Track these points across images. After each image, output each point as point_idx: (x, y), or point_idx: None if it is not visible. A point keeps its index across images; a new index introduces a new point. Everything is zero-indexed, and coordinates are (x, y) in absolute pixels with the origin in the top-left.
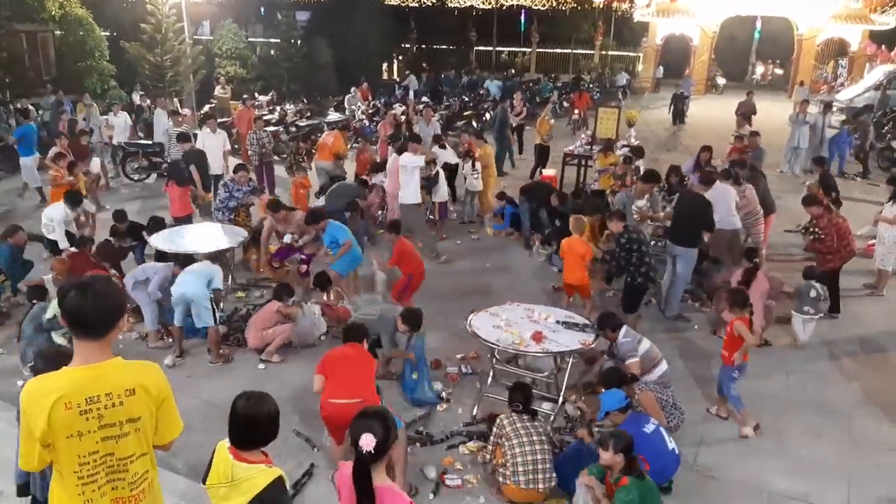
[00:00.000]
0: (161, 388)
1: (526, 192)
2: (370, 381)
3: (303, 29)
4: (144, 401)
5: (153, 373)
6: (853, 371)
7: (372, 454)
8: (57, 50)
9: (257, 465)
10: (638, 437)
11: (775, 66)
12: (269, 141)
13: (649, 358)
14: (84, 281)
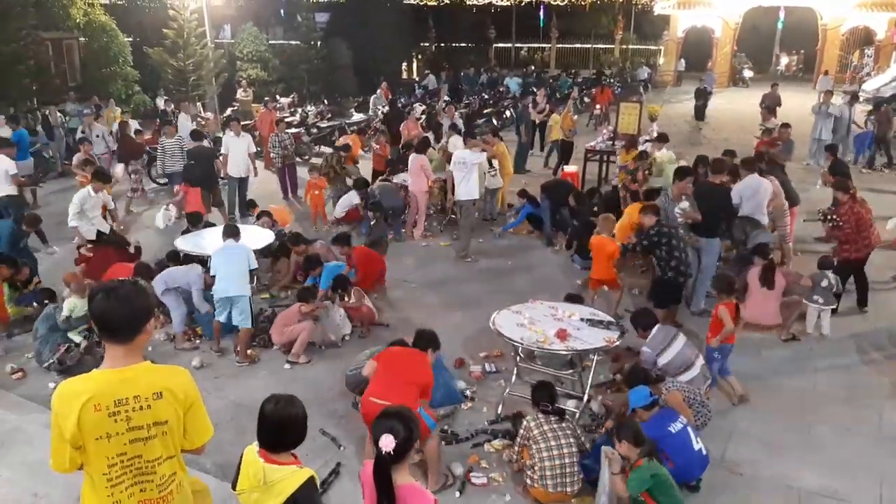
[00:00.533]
0: (189, 392)
1: (546, 191)
2: (415, 389)
3: (322, 30)
4: (172, 405)
5: (181, 377)
6: (882, 365)
7: (391, 455)
8: (82, 57)
9: (289, 467)
10: (663, 436)
11: (800, 56)
12: (290, 143)
13: (677, 364)
14: (111, 285)
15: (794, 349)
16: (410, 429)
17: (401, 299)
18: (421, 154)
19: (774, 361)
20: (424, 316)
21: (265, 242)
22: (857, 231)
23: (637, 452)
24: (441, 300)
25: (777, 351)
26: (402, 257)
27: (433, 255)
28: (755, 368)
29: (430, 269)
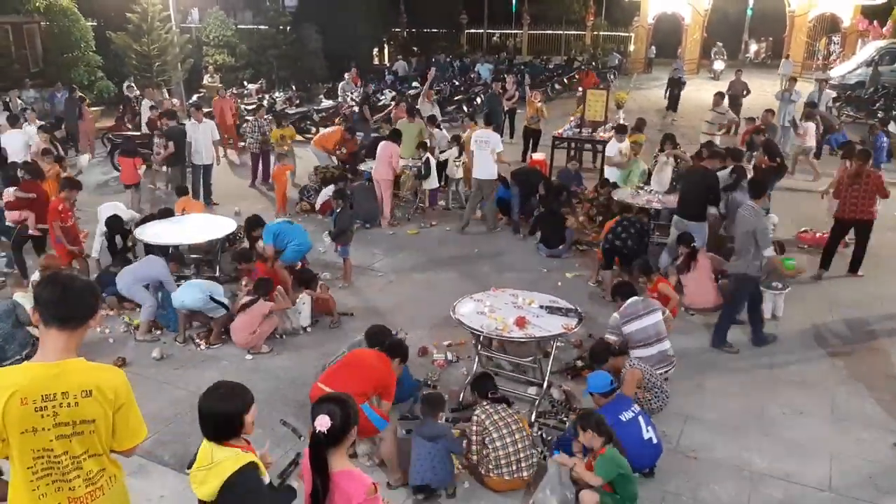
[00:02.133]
0: (119, 392)
1: (516, 178)
2: (367, 385)
3: (291, 15)
4: (100, 404)
5: (113, 377)
6: (837, 350)
7: (326, 435)
8: (43, 41)
9: (232, 449)
10: (614, 424)
11: (768, 44)
12: (269, 129)
13: (642, 337)
14: (59, 274)
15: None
16: (348, 413)
17: (367, 288)
18: (392, 142)
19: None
20: (390, 304)
21: (229, 230)
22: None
23: (601, 441)
24: (406, 289)
25: (734, 335)
26: (368, 246)
27: (400, 243)
28: (711, 352)
29: (397, 258)
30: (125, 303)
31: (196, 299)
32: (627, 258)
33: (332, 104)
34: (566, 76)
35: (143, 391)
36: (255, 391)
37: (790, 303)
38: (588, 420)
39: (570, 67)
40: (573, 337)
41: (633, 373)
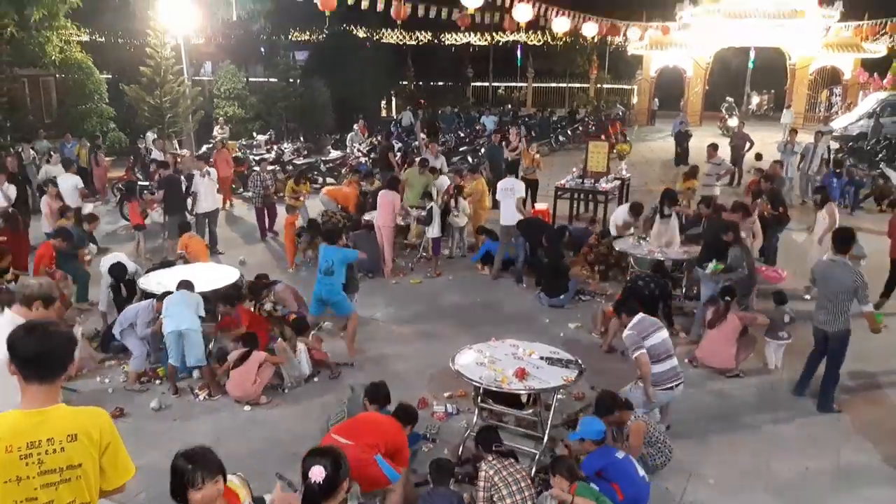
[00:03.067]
0: (104, 432)
1: (521, 228)
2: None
3: (301, 69)
4: (87, 447)
5: (98, 418)
6: (843, 404)
7: (321, 486)
8: (57, 93)
9: None
10: (611, 462)
11: (770, 96)
12: (272, 182)
13: (660, 350)
14: (36, 324)
15: (754, 387)
16: (339, 465)
17: (368, 338)
18: (392, 191)
19: (736, 400)
20: (391, 354)
21: (230, 280)
22: None
23: (567, 485)
24: (408, 338)
25: (739, 389)
26: (371, 295)
27: (403, 292)
28: (716, 408)
29: (399, 307)
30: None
31: (191, 321)
32: (650, 303)
33: (339, 155)
34: (569, 128)
35: (140, 443)
36: (252, 442)
37: (795, 354)
38: (560, 466)
39: (573, 120)
40: (575, 389)
41: (638, 425)
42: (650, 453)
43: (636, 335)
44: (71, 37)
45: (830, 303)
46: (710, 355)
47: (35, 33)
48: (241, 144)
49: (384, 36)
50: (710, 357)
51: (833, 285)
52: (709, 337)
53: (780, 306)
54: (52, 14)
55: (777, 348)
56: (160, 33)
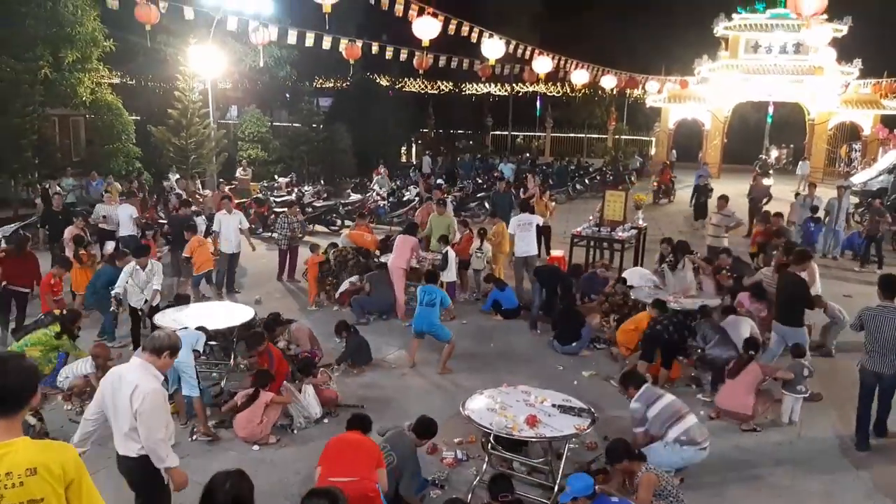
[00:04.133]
0: (67, 468)
1: (538, 275)
2: (370, 463)
3: (325, 114)
4: (47, 481)
5: (60, 453)
6: (862, 460)
7: None
8: (86, 133)
9: None
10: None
11: (789, 150)
12: (298, 226)
13: (667, 415)
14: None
15: (773, 442)
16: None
17: (379, 380)
18: (409, 235)
19: (753, 454)
20: (401, 397)
21: (245, 318)
22: None
23: None
24: (419, 382)
25: (757, 443)
26: (383, 336)
27: None
28: (733, 461)
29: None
30: None
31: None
32: (671, 348)
33: (358, 198)
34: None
35: None
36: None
37: (811, 409)
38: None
39: (586, 171)
40: (587, 438)
41: (648, 477)
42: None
43: (641, 406)
44: (102, 79)
45: (884, 347)
46: (726, 400)
47: (68, 74)
48: (263, 186)
49: (406, 84)
50: (727, 402)
51: (887, 331)
52: (728, 386)
53: (800, 359)
54: (86, 57)
55: (794, 402)
56: (189, 78)
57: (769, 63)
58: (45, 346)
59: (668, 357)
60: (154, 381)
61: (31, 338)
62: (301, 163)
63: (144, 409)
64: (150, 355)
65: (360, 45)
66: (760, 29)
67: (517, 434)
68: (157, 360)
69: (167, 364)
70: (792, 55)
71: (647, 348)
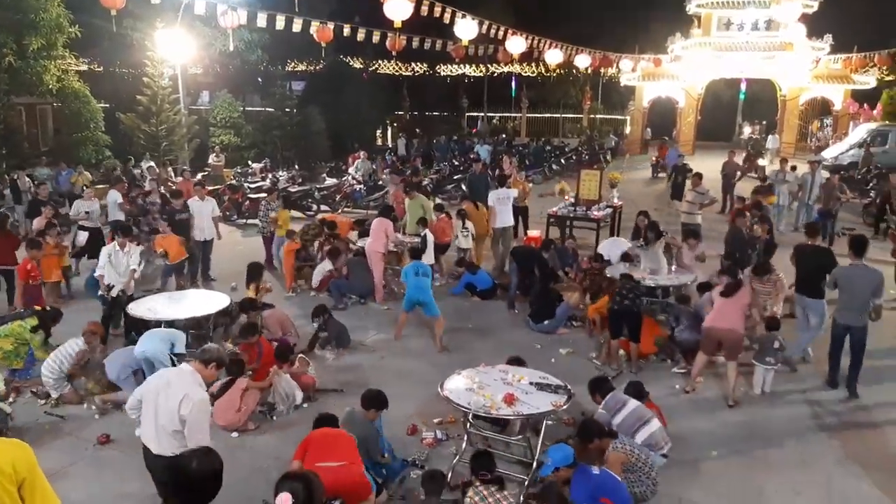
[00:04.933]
0: (19, 466)
1: (515, 256)
2: (353, 449)
3: (297, 98)
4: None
5: (15, 452)
6: (834, 428)
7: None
8: (54, 121)
9: None
10: (594, 482)
11: (761, 126)
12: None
13: (632, 421)
14: None
15: (747, 412)
16: (311, 491)
17: (357, 363)
18: (385, 218)
19: (727, 426)
20: (381, 380)
21: (222, 305)
22: None
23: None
24: (398, 364)
25: (730, 415)
26: (362, 321)
27: (393, 318)
28: (706, 435)
29: (390, 333)
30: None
31: (157, 349)
32: (636, 320)
33: (334, 182)
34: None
35: (127, 470)
36: (239, 468)
37: (783, 380)
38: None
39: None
40: (565, 415)
41: (615, 456)
42: (629, 479)
43: (607, 415)
44: (69, 66)
45: (855, 301)
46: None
47: (33, 62)
48: (237, 172)
49: (380, 67)
50: (723, 321)
51: (857, 287)
52: (721, 306)
53: (772, 332)
54: (51, 44)
55: (765, 373)
56: (157, 63)
57: (741, 40)
58: (16, 339)
59: (634, 330)
60: (201, 390)
61: (5, 329)
62: (275, 148)
63: (192, 416)
64: (198, 364)
65: (331, 28)
66: (732, 6)
67: (495, 413)
68: (205, 369)
69: (212, 375)
70: (763, 32)
71: (612, 324)
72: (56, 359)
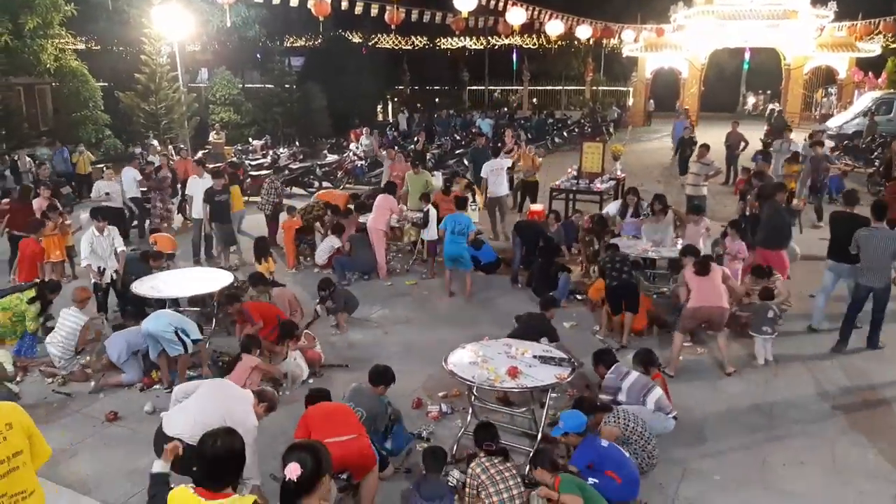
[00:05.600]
0: (27, 423)
1: (518, 230)
2: (355, 420)
3: (297, 74)
4: (20, 434)
5: (16, 409)
6: (837, 397)
7: (297, 483)
8: (53, 101)
9: (231, 498)
10: (600, 454)
11: (766, 96)
12: (282, 191)
13: (639, 386)
14: None
15: (749, 382)
16: (319, 461)
17: (362, 339)
18: (389, 195)
19: (730, 396)
20: (385, 355)
21: (225, 283)
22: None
23: (551, 476)
24: (402, 339)
25: (733, 385)
26: (366, 297)
27: (397, 294)
28: (710, 403)
29: (394, 309)
30: None
31: (161, 328)
32: (633, 291)
33: (335, 159)
34: (565, 130)
35: (135, 446)
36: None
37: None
38: (542, 459)
39: (564, 124)
40: (569, 388)
41: (609, 430)
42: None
43: (615, 378)
44: (66, 45)
45: (877, 262)
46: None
47: (30, 42)
48: (237, 150)
49: (379, 41)
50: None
51: (878, 249)
52: (700, 284)
53: (766, 302)
54: (47, 23)
55: (763, 343)
56: (155, 41)
57: (745, 8)
58: (13, 313)
59: (632, 302)
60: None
61: (3, 301)
62: (275, 125)
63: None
64: (255, 398)
65: (329, 2)
66: None
67: (499, 386)
68: (257, 405)
69: (261, 413)
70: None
71: (611, 301)
72: (61, 335)
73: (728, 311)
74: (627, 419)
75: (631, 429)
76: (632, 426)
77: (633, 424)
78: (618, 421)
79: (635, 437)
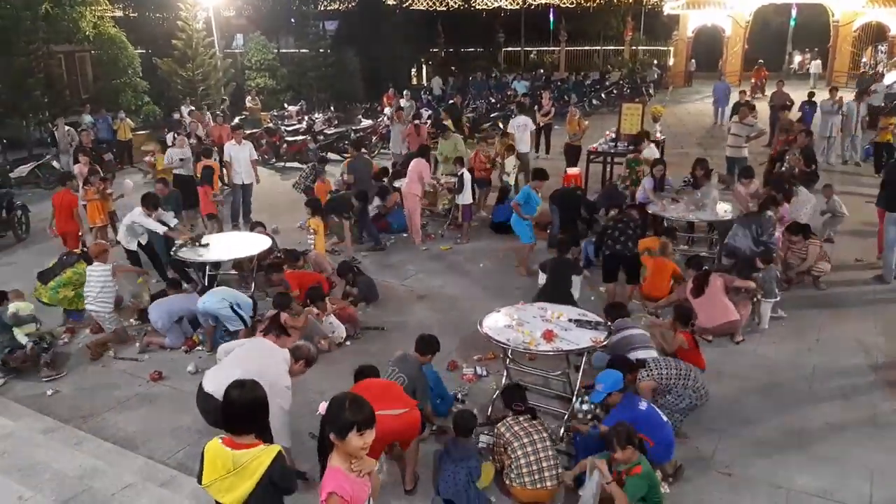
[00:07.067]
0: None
1: (556, 199)
2: (405, 394)
3: (331, 38)
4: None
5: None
6: (877, 360)
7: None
8: (92, 69)
9: (255, 448)
10: (636, 416)
11: (812, 54)
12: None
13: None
14: None
15: (790, 349)
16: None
17: (397, 303)
18: (421, 158)
19: (771, 362)
20: (421, 320)
21: (263, 248)
22: None
23: (636, 454)
24: (438, 304)
25: (770, 350)
26: (401, 262)
27: (432, 258)
28: (751, 369)
29: (429, 273)
30: None
31: (216, 306)
32: (631, 262)
33: (369, 124)
34: (603, 91)
35: (179, 404)
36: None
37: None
38: (622, 436)
39: (604, 83)
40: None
41: (645, 385)
42: (668, 401)
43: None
44: (104, 12)
45: None
46: (709, 320)
47: (69, 9)
48: (273, 115)
49: (413, 3)
50: (709, 321)
51: None
52: (699, 306)
53: (769, 266)
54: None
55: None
56: (191, 6)
57: None
58: (75, 284)
59: (631, 273)
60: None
61: (62, 279)
62: (310, 90)
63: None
64: (290, 357)
65: None
66: None
67: (534, 349)
68: (294, 365)
69: (297, 371)
70: None
71: (605, 267)
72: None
73: (738, 321)
74: (660, 367)
75: (666, 375)
76: (665, 372)
77: (666, 371)
78: (650, 373)
79: (673, 381)
